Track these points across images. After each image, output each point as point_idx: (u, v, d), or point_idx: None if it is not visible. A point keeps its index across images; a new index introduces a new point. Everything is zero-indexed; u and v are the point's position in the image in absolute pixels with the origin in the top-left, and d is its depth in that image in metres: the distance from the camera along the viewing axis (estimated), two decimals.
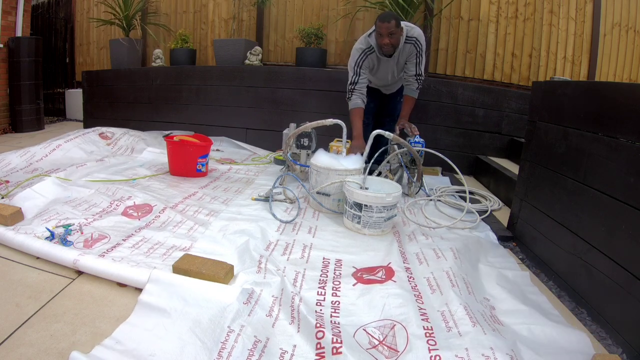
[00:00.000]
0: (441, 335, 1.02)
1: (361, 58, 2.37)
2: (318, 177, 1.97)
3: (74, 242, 1.43)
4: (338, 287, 1.27)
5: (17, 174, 2.21)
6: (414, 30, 2.31)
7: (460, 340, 1.00)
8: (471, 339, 0.99)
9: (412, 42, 2.31)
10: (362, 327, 1.07)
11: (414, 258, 1.49)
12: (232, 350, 0.92)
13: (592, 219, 1.28)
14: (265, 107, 3.49)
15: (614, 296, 1.13)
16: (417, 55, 2.33)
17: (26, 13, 4.11)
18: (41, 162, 2.51)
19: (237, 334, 0.97)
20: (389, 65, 2.41)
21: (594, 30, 3.65)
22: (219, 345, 0.94)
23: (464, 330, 1.03)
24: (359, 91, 2.41)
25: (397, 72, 2.47)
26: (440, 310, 1.14)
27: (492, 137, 3.10)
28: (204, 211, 1.83)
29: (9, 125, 4.05)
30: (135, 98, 3.98)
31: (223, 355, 0.91)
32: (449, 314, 1.11)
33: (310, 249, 1.53)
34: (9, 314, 1.05)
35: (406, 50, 2.34)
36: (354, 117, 2.43)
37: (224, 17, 4.31)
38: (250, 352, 0.93)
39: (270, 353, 0.95)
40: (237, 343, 0.94)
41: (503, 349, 0.95)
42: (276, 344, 0.98)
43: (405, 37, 2.29)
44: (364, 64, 2.38)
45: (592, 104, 1.36)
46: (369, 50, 2.36)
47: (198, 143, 2.43)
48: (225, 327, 0.98)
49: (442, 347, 0.97)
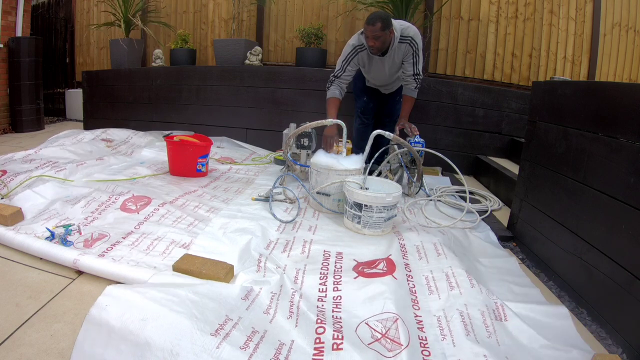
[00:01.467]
0: (436, 346, 1.02)
1: (351, 54, 2.37)
2: (318, 177, 1.97)
3: (74, 242, 1.43)
4: (339, 280, 1.27)
5: (14, 163, 2.19)
6: (409, 30, 2.28)
7: (453, 351, 1.00)
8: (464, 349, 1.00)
9: (408, 41, 2.28)
10: (364, 321, 1.07)
11: (413, 250, 1.49)
12: (230, 332, 0.93)
13: (592, 219, 1.28)
14: (265, 107, 3.49)
15: (614, 296, 1.13)
16: (413, 54, 2.31)
17: (26, 13, 4.11)
18: (40, 152, 2.50)
19: (234, 322, 0.98)
20: (383, 64, 2.39)
21: (594, 30, 3.65)
22: (216, 325, 0.94)
23: (457, 340, 1.04)
24: (339, 84, 2.44)
25: (394, 71, 2.45)
26: (436, 316, 1.14)
27: (492, 137, 3.10)
28: (204, 207, 1.83)
29: (9, 125, 4.06)
30: (135, 98, 3.98)
31: (220, 334, 0.92)
32: (444, 319, 1.11)
33: (310, 244, 1.53)
34: (9, 314, 1.05)
35: (402, 49, 2.32)
36: (329, 106, 2.47)
37: (224, 17, 4.31)
38: (248, 338, 0.93)
39: (268, 342, 0.95)
40: (235, 329, 0.95)
41: (496, 356, 0.95)
42: (274, 336, 0.98)
43: (400, 36, 2.27)
44: (352, 61, 2.38)
45: (592, 104, 1.36)
46: (360, 47, 2.35)
47: (198, 143, 2.43)
48: (223, 314, 0.99)
49: (435, 356, 0.98)
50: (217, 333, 0.92)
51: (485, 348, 0.98)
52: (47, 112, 4.72)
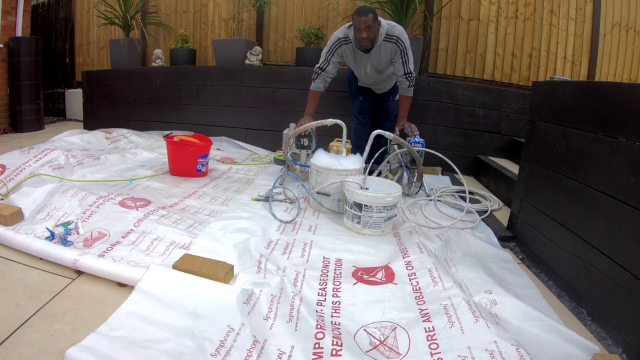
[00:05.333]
0: (443, 334, 1.02)
1: (335, 45, 2.36)
2: (318, 177, 1.97)
3: (74, 242, 1.43)
4: (338, 287, 1.27)
5: (12, 155, 2.19)
6: (394, 29, 2.26)
7: (462, 339, 1.00)
8: (474, 335, 1.00)
9: (394, 40, 2.26)
10: (363, 327, 1.07)
11: (415, 248, 1.49)
12: (231, 349, 0.93)
13: (592, 219, 1.28)
14: (265, 107, 3.49)
15: (614, 296, 1.13)
16: (402, 54, 2.29)
17: (26, 13, 4.11)
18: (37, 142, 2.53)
19: (236, 333, 0.97)
20: (368, 61, 2.37)
21: (594, 30, 3.65)
22: (217, 343, 0.94)
23: (466, 326, 1.04)
24: (324, 77, 2.45)
25: (381, 69, 2.42)
26: (442, 304, 1.14)
27: (492, 137, 3.10)
28: (204, 211, 1.83)
29: (9, 125, 4.05)
30: (135, 98, 3.98)
31: (221, 352, 0.91)
32: (451, 308, 1.11)
33: (310, 248, 1.53)
34: (9, 314, 1.05)
35: (388, 48, 2.29)
36: (310, 98, 2.50)
37: (224, 17, 4.31)
38: (248, 353, 0.93)
39: (267, 354, 0.95)
40: (236, 342, 0.94)
41: (508, 340, 0.95)
42: (274, 345, 0.98)
43: (385, 34, 2.25)
44: (336, 52, 2.38)
45: (592, 104, 1.36)
46: (345, 40, 2.34)
47: (198, 143, 2.43)
48: (225, 325, 0.98)
49: (444, 351, 0.97)
50: (217, 352, 0.91)
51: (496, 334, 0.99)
52: (47, 112, 4.71)
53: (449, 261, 1.48)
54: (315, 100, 2.49)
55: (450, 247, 1.61)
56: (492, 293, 1.22)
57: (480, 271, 1.39)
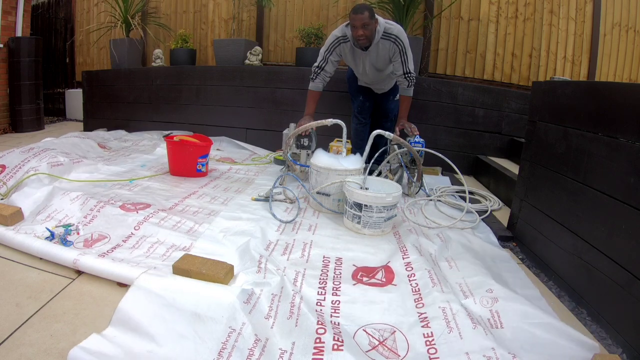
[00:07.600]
0: (442, 339, 1.03)
1: (333, 44, 2.36)
2: (318, 177, 1.97)
3: (74, 242, 1.43)
4: (338, 287, 1.27)
5: (12, 154, 2.19)
6: (393, 28, 2.26)
7: (460, 344, 1.00)
8: (472, 341, 1.00)
9: (392, 39, 2.26)
10: (362, 328, 1.07)
11: (414, 250, 1.49)
12: (233, 350, 0.93)
13: (592, 219, 1.28)
14: (265, 107, 3.49)
15: (614, 296, 1.13)
16: (401, 53, 2.29)
17: (26, 13, 4.11)
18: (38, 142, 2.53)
19: (237, 333, 0.97)
20: (367, 59, 2.37)
21: (594, 30, 3.65)
22: (220, 345, 0.94)
23: (464, 332, 1.04)
24: (323, 77, 2.45)
25: (379, 67, 2.41)
26: (441, 307, 1.14)
27: (492, 137, 3.10)
28: (204, 211, 1.83)
29: (9, 125, 4.05)
30: (135, 98, 3.98)
31: (223, 355, 0.91)
32: (449, 312, 1.12)
33: (310, 248, 1.53)
34: (9, 314, 1.05)
35: (386, 46, 2.29)
36: (309, 98, 2.50)
37: (224, 17, 4.31)
38: (250, 352, 0.93)
39: (269, 352, 0.95)
40: (238, 342, 0.94)
41: (505, 348, 0.96)
42: (275, 344, 0.98)
43: (383, 32, 2.24)
44: (335, 51, 2.38)
45: (592, 104, 1.36)
46: (343, 38, 2.34)
47: (198, 143, 2.43)
48: (226, 326, 0.98)
49: (443, 356, 0.98)
50: (219, 355, 0.91)
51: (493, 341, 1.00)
52: (47, 112, 4.71)
53: (449, 261, 1.48)
54: (315, 100, 2.49)
55: (450, 246, 1.61)
56: (493, 292, 1.22)
57: (480, 270, 1.39)
